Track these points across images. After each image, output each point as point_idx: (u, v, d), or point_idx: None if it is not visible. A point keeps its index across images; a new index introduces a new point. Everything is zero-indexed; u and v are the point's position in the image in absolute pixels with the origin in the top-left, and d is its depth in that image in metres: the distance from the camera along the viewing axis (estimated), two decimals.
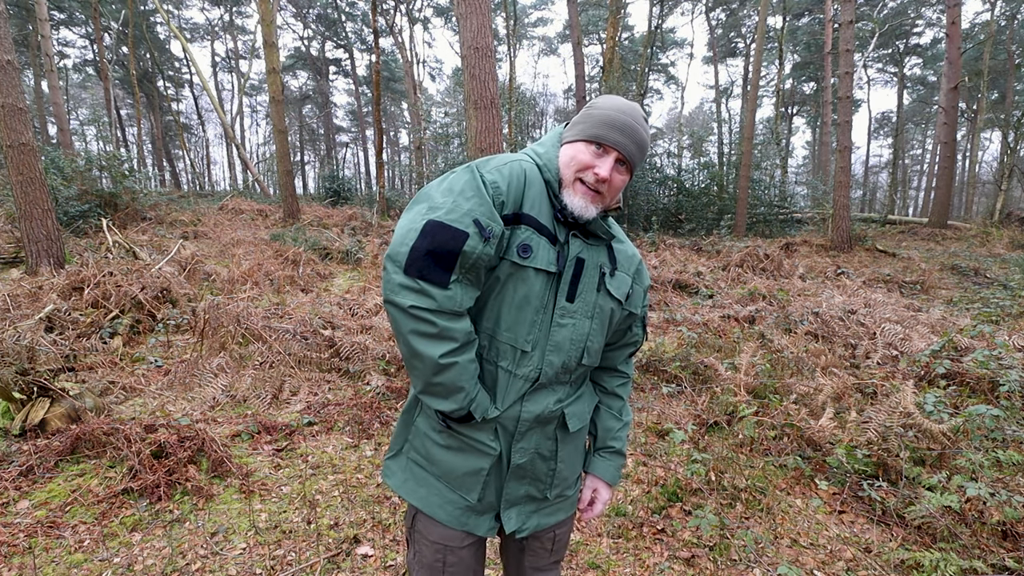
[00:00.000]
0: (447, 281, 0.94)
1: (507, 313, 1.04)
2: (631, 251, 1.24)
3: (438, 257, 0.93)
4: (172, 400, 3.61)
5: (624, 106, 1.08)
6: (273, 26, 12.69)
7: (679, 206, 16.65)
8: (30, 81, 22.97)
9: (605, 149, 1.05)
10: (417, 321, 0.94)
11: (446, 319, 0.95)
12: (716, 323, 5.63)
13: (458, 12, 5.24)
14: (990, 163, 35.38)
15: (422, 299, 0.93)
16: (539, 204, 1.05)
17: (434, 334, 0.95)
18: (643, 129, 1.08)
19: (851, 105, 11.49)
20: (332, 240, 9.90)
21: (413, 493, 1.15)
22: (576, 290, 1.08)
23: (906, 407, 2.98)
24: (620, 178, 1.08)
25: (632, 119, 1.06)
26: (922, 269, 9.01)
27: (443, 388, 0.99)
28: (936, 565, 1.99)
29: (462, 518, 1.12)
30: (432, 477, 1.14)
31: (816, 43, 26.80)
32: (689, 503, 2.57)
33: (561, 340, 1.08)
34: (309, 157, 45.79)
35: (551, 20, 35.59)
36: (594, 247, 1.12)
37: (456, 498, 1.12)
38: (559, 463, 1.18)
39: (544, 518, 1.20)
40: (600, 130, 1.05)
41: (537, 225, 1.03)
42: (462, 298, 0.96)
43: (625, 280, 1.17)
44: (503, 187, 1.00)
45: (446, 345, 0.96)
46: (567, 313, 1.07)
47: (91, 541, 2.20)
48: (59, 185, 8.79)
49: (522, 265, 1.01)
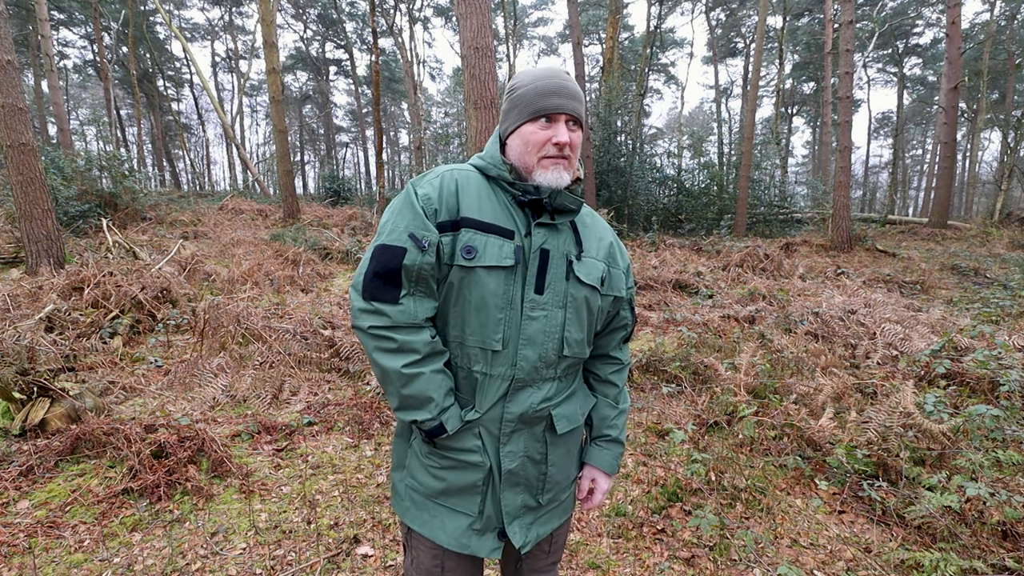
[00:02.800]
0: (397, 297, 1.01)
1: (469, 317, 1.05)
2: (601, 232, 1.20)
3: (385, 276, 1.01)
4: (172, 400, 3.61)
5: (543, 72, 1.08)
6: (273, 26, 12.69)
7: (679, 206, 16.65)
8: (30, 81, 22.98)
9: (552, 118, 1.05)
10: (378, 339, 1.02)
11: (404, 333, 1.01)
12: (716, 323, 5.63)
13: (458, 12, 5.24)
14: (990, 163, 35.40)
15: (378, 318, 1.01)
16: (480, 205, 1.06)
17: (395, 348, 1.01)
18: (570, 81, 1.08)
19: (851, 105, 11.49)
20: (332, 240, 9.90)
21: (416, 519, 1.15)
22: (544, 281, 1.07)
23: (906, 407, 2.98)
24: (576, 136, 1.08)
25: (558, 78, 1.06)
26: (922, 269, 9.01)
27: (414, 399, 1.03)
28: (936, 565, 1.99)
29: (463, 540, 1.11)
30: (431, 502, 1.13)
31: (816, 43, 26.80)
32: (689, 503, 2.57)
33: (533, 333, 1.07)
34: (309, 157, 45.80)
35: (551, 20, 35.63)
36: (559, 235, 1.09)
37: (456, 523, 1.11)
38: (549, 467, 1.16)
39: (541, 527, 1.19)
40: (538, 103, 1.05)
41: (479, 225, 1.03)
42: (416, 310, 1.02)
43: (595, 265, 1.14)
44: (434, 196, 1.04)
45: (408, 357, 1.01)
46: (537, 305, 1.06)
47: (91, 541, 2.20)
48: (59, 185, 8.79)
49: (469, 267, 1.02)
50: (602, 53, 23.73)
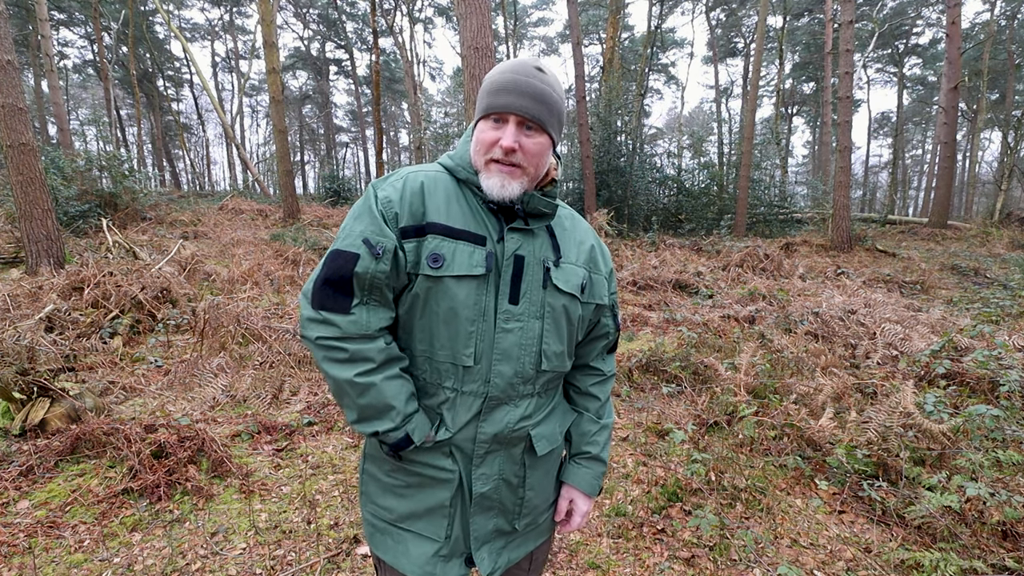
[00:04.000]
0: (348, 307, 0.93)
1: (438, 330, 0.97)
2: (581, 235, 1.11)
3: (336, 284, 0.92)
4: (172, 400, 3.61)
5: (512, 65, 0.95)
6: (273, 26, 12.69)
7: (679, 206, 16.65)
8: (30, 81, 22.98)
9: (502, 117, 0.94)
10: (327, 350, 0.94)
11: (356, 343, 0.93)
12: (716, 323, 5.63)
13: (458, 12, 5.25)
14: (990, 163, 35.38)
15: (327, 328, 0.93)
16: (449, 208, 0.97)
17: (346, 359, 0.93)
18: (538, 80, 0.94)
19: (851, 105, 11.49)
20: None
21: (380, 544, 1.08)
22: (519, 290, 0.98)
23: (906, 407, 2.98)
24: (533, 142, 0.95)
25: (522, 75, 0.94)
26: (922, 269, 9.01)
27: (373, 409, 0.95)
28: (936, 565, 1.99)
29: (428, 568, 1.03)
30: (395, 527, 1.06)
31: (816, 43, 26.81)
32: (689, 503, 2.57)
33: (508, 347, 0.98)
34: (309, 157, 45.81)
35: (552, 20, 35.58)
36: (535, 240, 1.01)
37: (421, 549, 1.04)
38: (527, 491, 1.09)
39: (514, 551, 1.12)
40: (489, 99, 0.94)
41: (447, 231, 0.94)
42: (368, 320, 0.94)
43: (575, 271, 1.05)
44: (395, 199, 0.95)
45: (361, 366, 0.94)
46: (512, 317, 0.98)
47: (91, 541, 2.20)
48: (59, 185, 8.79)
49: (436, 276, 0.94)
50: (602, 53, 23.74)
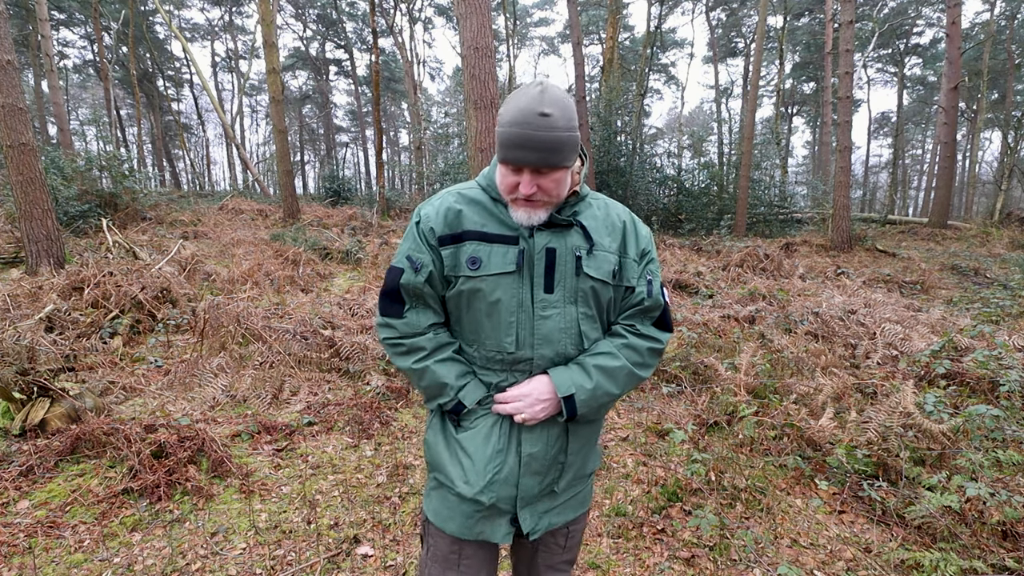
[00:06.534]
0: (401, 312, 1.14)
1: (482, 322, 1.12)
2: (613, 217, 1.17)
3: (390, 295, 1.15)
4: (172, 400, 3.61)
5: (518, 116, 0.97)
6: (273, 26, 12.69)
7: (679, 206, 16.66)
8: (30, 81, 22.98)
9: (517, 168, 1.03)
10: (391, 347, 1.18)
11: (410, 339, 1.15)
12: (716, 323, 5.63)
13: (458, 12, 5.24)
14: (990, 163, 35.37)
15: (388, 331, 1.17)
16: (484, 218, 1.11)
17: (404, 352, 1.16)
18: (545, 130, 0.96)
19: (851, 105, 11.49)
20: (332, 240, 9.90)
21: (428, 504, 1.23)
22: (553, 280, 1.09)
23: (906, 407, 2.98)
24: (550, 180, 1.03)
25: (529, 128, 0.96)
26: (922, 269, 9.01)
27: (432, 388, 1.15)
28: (936, 565, 1.99)
29: (475, 528, 1.14)
30: (445, 490, 1.17)
31: (816, 43, 26.80)
32: (689, 503, 2.57)
33: (548, 331, 1.10)
34: (309, 157, 45.80)
35: (552, 20, 35.59)
36: (565, 233, 1.10)
37: (467, 508, 1.14)
38: (569, 455, 1.18)
39: (555, 517, 1.21)
40: (503, 153, 1.02)
41: (483, 236, 1.09)
42: (418, 321, 1.14)
43: (607, 259, 1.12)
44: (432, 215, 1.12)
45: (416, 355, 1.14)
46: (548, 304, 1.09)
47: (91, 541, 2.20)
48: (59, 185, 8.79)
49: (475, 276, 1.08)
50: (602, 53, 23.72)
